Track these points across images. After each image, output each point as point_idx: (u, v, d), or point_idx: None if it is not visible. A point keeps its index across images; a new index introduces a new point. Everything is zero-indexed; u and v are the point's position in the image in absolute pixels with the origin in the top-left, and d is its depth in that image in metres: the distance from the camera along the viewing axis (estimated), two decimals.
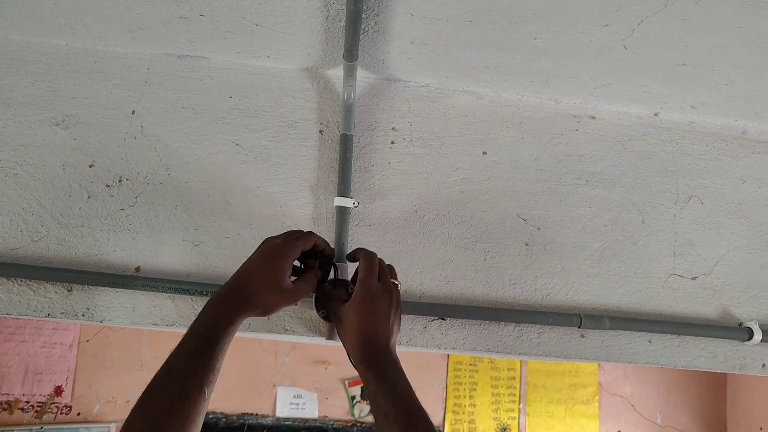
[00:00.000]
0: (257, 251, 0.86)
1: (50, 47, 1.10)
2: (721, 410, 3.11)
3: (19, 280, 0.97)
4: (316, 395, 2.88)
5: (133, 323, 0.98)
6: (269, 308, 0.84)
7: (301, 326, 1.00)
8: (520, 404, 3.03)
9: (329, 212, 1.07)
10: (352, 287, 0.93)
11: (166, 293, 0.98)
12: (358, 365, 0.83)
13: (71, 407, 2.69)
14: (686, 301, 1.13)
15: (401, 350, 1.08)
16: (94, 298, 0.98)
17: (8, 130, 1.04)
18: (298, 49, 1.08)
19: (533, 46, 1.01)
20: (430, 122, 1.16)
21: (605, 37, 0.97)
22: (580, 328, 1.06)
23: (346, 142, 1.08)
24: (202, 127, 1.09)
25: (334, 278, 0.94)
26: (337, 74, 1.14)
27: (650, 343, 1.10)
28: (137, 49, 1.11)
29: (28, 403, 2.65)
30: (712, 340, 1.11)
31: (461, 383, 3.00)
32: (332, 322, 0.93)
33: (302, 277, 0.89)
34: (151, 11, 0.99)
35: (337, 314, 0.89)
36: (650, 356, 1.09)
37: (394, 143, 1.14)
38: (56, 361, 2.71)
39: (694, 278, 1.15)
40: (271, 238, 0.87)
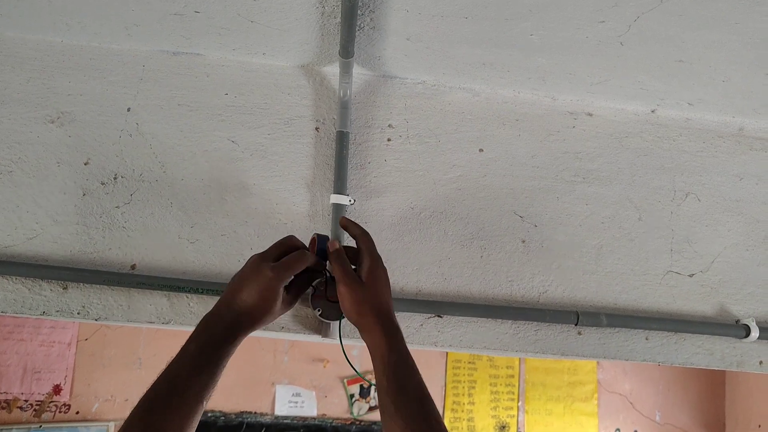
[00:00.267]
0: (248, 275, 0.83)
1: (45, 44, 1.10)
2: (719, 408, 3.11)
3: (13, 278, 0.96)
4: (314, 393, 2.88)
5: (128, 321, 0.98)
6: (269, 322, 0.86)
7: (296, 324, 1.00)
8: (518, 402, 3.03)
9: (325, 209, 1.07)
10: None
11: (161, 291, 0.98)
12: (378, 331, 0.81)
13: (70, 406, 2.69)
14: (683, 298, 1.13)
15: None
16: (89, 296, 0.98)
17: (3, 127, 1.04)
18: (293, 45, 1.07)
19: (529, 42, 1.01)
20: (426, 119, 1.16)
21: (601, 33, 0.97)
22: (577, 325, 1.06)
23: (342, 139, 1.07)
24: (197, 124, 1.09)
25: (327, 277, 0.94)
26: (333, 71, 1.14)
27: (647, 340, 1.10)
28: (132, 46, 1.11)
29: (26, 401, 2.65)
30: (709, 337, 1.11)
31: (460, 381, 3.00)
32: (329, 319, 0.94)
33: (294, 286, 0.90)
34: (146, 8, 0.99)
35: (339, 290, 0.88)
36: (647, 353, 1.09)
37: (390, 140, 1.14)
38: (55, 359, 2.70)
39: (691, 275, 1.15)
40: (258, 260, 0.84)
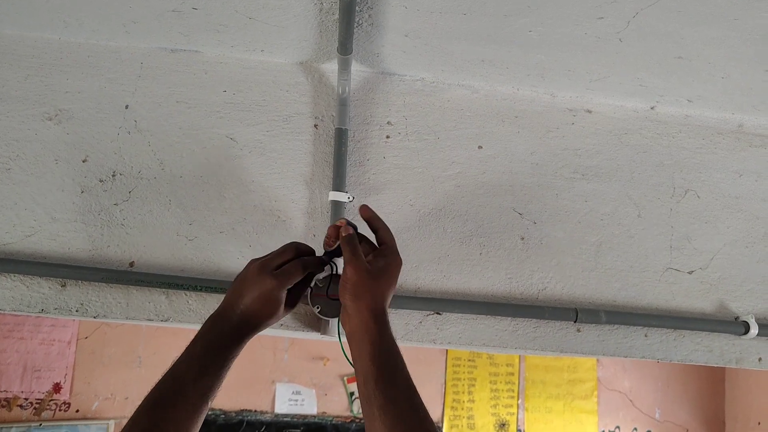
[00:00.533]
0: (249, 281, 0.82)
1: (43, 41, 1.09)
2: (719, 405, 3.11)
3: (12, 275, 0.96)
4: (314, 391, 2.88)
5: (127, 318, 0.98)
6: (273, 324, 0.85)
7: (296, 321, 1.00)
8: (518, 400, 3.03)
9: (324, 207, 1.07)
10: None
11: (160, 288, 0.98)
12: (371, 324, 0.78)
13: (70, 404, 2.69)
14: (682, 295, 1.13)
15: (398, 344, 1.08)
16: (87, 293, 0.98)
17: (1, 124, 1.04)
18: (292, 42, 1.07)
19: (528, 38, 1.01)
20: (425, 116, 1.16)
21: (600, 29, 0.97)
22: (576, 322, 1.06)
23: (341, 136, 1.07)
24: (196, 121, 1.09)
25: (330, 274, 0.94)
26: (331, 68, 1.14)
27: (646, 337, 1.09)
28: (130, 43, 1.11)
29: (26, 400, 2.65)
30: (708, 334, 1.11)
31: (460, 379, 3.00)
32: (328, 317, 0.94)
33: (296, 288, 0.87)
34: (143, 4, 0.98)
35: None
36: (646, 350, 1.09)
37: (389, 137, 1.13)
38: (55, 357, 2.71)
39: (690, 272, 1.14)
40: (259, 267, 0.82)
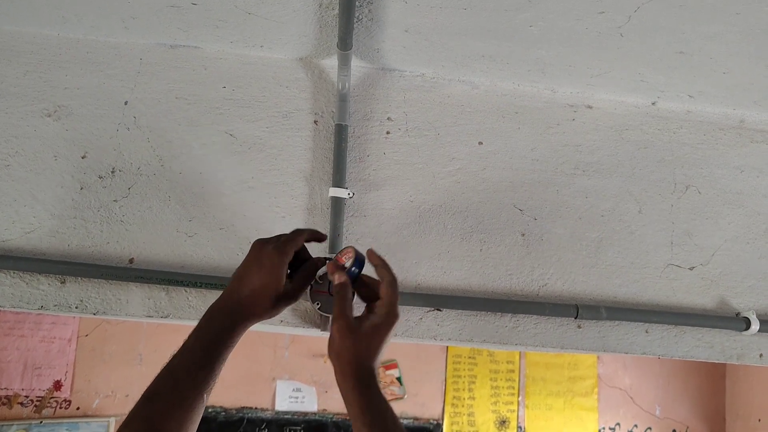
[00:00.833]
0: (251, 258, 0.82)
1: (42, 37, 1.09)
2: (719, 402, 3.11)
3: (11, 272, 0.96)
4: (315, 389, 2.88)
5: (126, 315, 0.98)
6: (273, 313, 0.83)
7: (296, 317, 1.00)
8: (519, 397, 3.03)
9: (324, 203, 1.07)
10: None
11: (160, 285, 0.98)
12: (352, 383, 0.76)
13: (70, 401, 2.69)
14: (683, 291, 1.13)
15: (398, 341, 1.08)
16: (87, 290, 0.97)
17: (0, 121, 1.03)
18: (291, 38, 1.07)
19: (529, 34, 1.00)
20: (425, 112, 1.15)
21: (601, 24, 0.96)
22: (576, 318, 1.06)
23: (340, 132, 1.07)
24: (195, 117, 1.08)
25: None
26: (331, 64, 1.13)
27: (647, 333, 1.09)
28: (130, 39, 1.10)
29: (27, 397, 2.65)
30: (709, 330, 1.10)
31: (460, 376, 3.00)
32: (328, 313, 0.93)
33: (299, 273, 0.86)
34: (142, 0, 0.98)
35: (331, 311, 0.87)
36: (647, 346, 1.09)
37: (389, 133, 1.13)
38: (55, 355, 2.71)
39: (691, 268, 1.14)
40: (261, 242, 0.83)
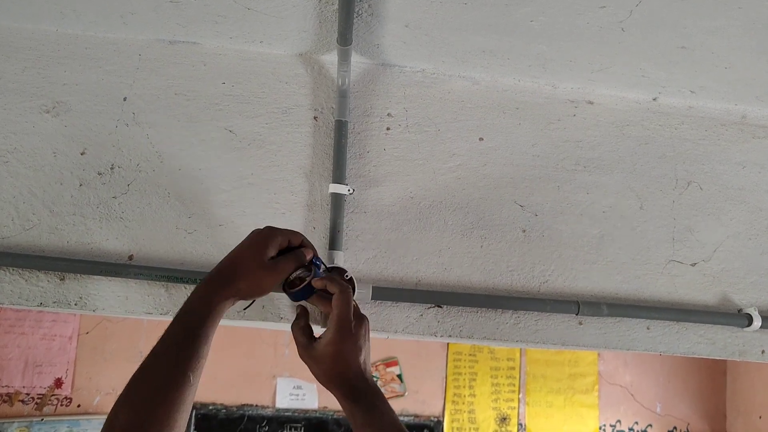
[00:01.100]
0: (243, 240, 0.84)
1: (40, 33, 1.08)
2: (720, 399, 3.11)
3: (11, 269, 0.96)
4: (315, 386, 2.88)
5: (126, 312, 0.97)
6: (254, 287, 0.81)
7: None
8: (519, 394, 3.03)
9: (324, 199, 1.06)
10: (347, 274, 0.93)
11: (159, 282, 0.98)
12: (342, 399, 0.81)
13: (71, 399, 2.70)
14: (685, 287, 1.12)
15: (399, 339, 1.07)
16: (86, 286, 0.97)
17: None
18: (291, 33, 1.06)
19: (530, 28, 1.00)
20: (425, 108, 1.15)
21: (603, 18, 0.96)
22: (578, 315, 1.05)
23: (340, 128, 1.06)
24: (194, 113, 1.08)
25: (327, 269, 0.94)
26: (331, 59, 1.13)
27: (649, 330, 1.09)
28: (128, 34, 1.10)
29: (28, 395, 2.66)
30: (711, 326, 1.10)
31: (461, 373, 3.00)
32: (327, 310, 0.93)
33: (286, 255, 0.84)
34: None
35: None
36: (649, 343, 1.08)
37: (389, 129, 1.13)
38: (56, 353, 2.71)
39: (693, 264, 1.14)
40: (255, 254, 0.82)
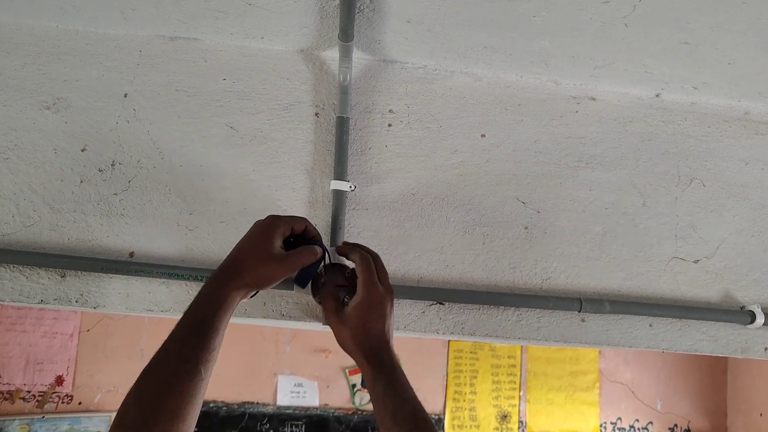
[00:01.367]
0: (247, 231, 0.85)
1: (40, 29, 1.08)
2: (721, 396, 3.11)
3: (11, 266, 0.95)
4: (316, 384, 2.89)
5: (127, 309, 0.97)
6: (261, 278, 0.80)
7: (297, 311, 0.99)
8: (520, 392, 3.03)
9: (325, 196, 1.06)
10: (348, 272, 0.93)
11: (160, 279, 0.97)
12: (366, 366, 0.83)
13: (72, 396, 2.70)
14: (688, 284, 1.12)
15: (399, 336, 1.07)
16: (87, 284, 0.97)
17: None
18: (292, 29, 1.06)
19: (532, 24, 0.99)
20: (427, 104, 1.14)
21: (605, 14, 0.95)
22: (580, 312, 1.05)
23: (342, 124, 1.06)
24: (195, 110, 1.07)
25: (328, 263, 0.93)
26: (332, 56, 1.12)
27: (651, 327, 1.08)
28: (129, 31, 1.09)
29: (29, 392, 2.66)
30: (713, 323, 1.10)
31: (462, 371, 3.00)
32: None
33: (299, 248, 0.85)
34: None
35: (331, 302, 0.88)
36: (651, 340, 1.08)
37: (391, 126, 1.12)
38: (57, 350, 2.71)
39: (695, 261, 1.13)
40: (260, 219, 0.86)
